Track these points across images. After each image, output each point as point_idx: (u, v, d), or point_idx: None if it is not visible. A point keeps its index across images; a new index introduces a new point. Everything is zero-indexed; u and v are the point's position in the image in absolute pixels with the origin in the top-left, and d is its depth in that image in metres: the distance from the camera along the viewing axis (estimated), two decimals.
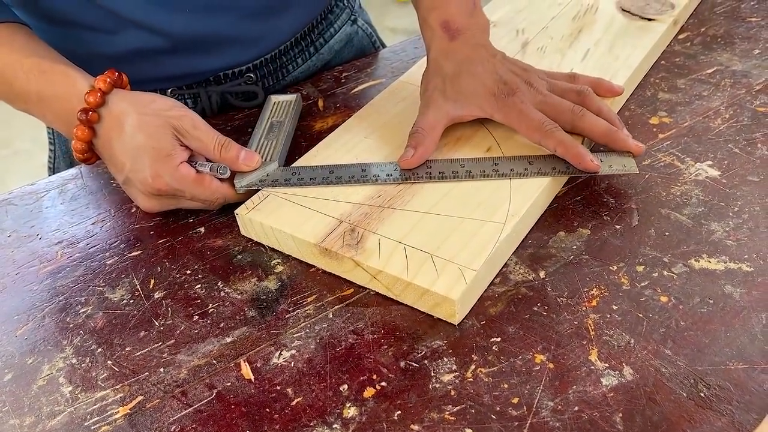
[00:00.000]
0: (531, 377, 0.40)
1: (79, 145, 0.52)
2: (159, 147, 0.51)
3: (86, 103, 0.51)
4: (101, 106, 0.51)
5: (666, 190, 0.52)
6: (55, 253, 0.54)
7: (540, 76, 0.56)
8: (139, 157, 0.51)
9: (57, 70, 0.52)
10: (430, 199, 0.50)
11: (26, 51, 0.53)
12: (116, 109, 0.51)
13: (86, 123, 0.51)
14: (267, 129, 0.60)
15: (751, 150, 0.55)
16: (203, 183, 0.52)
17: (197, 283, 0.49)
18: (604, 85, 0.57)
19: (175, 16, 0.60)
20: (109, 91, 0.52)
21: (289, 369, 0.42)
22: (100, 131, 0.52)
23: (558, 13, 0.73)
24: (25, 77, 0.52)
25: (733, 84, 0.63)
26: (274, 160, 0.55)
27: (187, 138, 0.52)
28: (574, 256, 0.48)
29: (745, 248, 0.46)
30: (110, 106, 0.52)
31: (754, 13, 0.74)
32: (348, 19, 0.78)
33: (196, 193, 0.52)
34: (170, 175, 0.51)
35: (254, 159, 0.53)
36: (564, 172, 0.52)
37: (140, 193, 0.53)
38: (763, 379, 0.38)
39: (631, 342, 0.41)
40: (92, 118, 0.51)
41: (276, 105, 0.63)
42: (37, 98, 0.53)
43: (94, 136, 0.52)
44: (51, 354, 0.46)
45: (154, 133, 0.51)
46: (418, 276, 0.44)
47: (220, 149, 0.52)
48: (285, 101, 0.64)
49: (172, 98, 0.54)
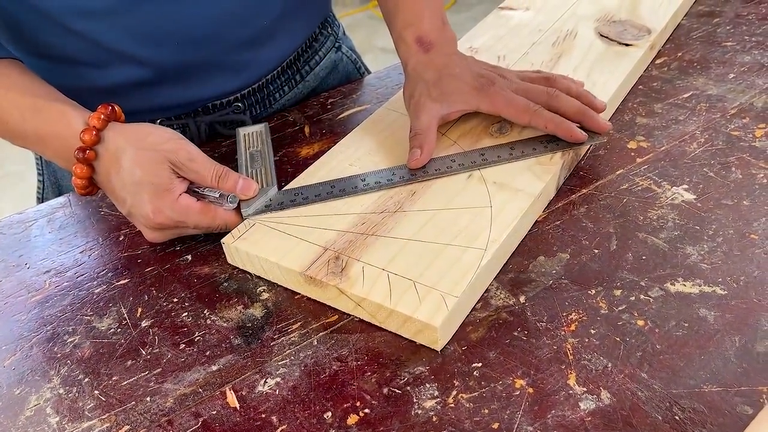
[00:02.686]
0: (511, 402, 0.41)
1: (80, 182, 0.53)
2: (157, 182, 0.51)
3: (82, 141, 0.51)
4: (97, 143, 0.52)
5: (643, 214, 0.53)
6: (43, 282, 0.55)
7: (509, 71, 0.62)
8: (139, 193, 0.51)
9: (53, 109, 0.53)
10: (412, 226, 0.52)
11: (21, 89, 0.54)
12: (112, 146, 0.52)
13: (84, 161, 0.52)
14: (249, 159, 0.60)
15: (725, 174, 0.56)
16: (208, 212, 0.53)
17: (184, 311, 0.50)
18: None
19: (163, 48, 0.61)
20: (104, 128, 0.52)
21: (274, 397, 0.43)
22: (98, 168, 0.53)
23: (538, 39, 0.75)
24: (20, 117, 0.53)
25: (709, 108, 0.65)
26: (272, 185, 0.57)
27: (183, 171, 0.53)
28: (554, 281, 0.49)
29: (719, 271, 0.48)
30: (106, 143, 0.52)
31: (729, 38, 0.76)
32: (332, 46, 0.79)
33: (199, 222, 0.53)
34: (171, 209, 0.51)
35: (252, 187, 0.55)
36: (544, 151, 0.57)
37: (142, 226, 0.54)
38: (736, 402, 0.39)
39: (609, 366, 0.42)
40: (89, 156, 0.52)
41: (247, 136, 0.63)
42: (34, 137, 0.54)
43: (93, 172, 0.53)
44: (38, 384, 0.46)
45: (151, 168, 0.51)
46: (400, 303, 0.45)
47: (217, 180, 0.53)
48: (255, 131, 0.64)
49: (169, 129, 0.55)
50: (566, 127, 0.56)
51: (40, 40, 0.59)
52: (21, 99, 0.53)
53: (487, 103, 0.58)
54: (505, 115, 0.58)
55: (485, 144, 0.59)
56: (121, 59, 0.60)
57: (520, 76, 0.61)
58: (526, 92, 0.58)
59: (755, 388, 0.40)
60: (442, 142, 0.60)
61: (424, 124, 0.57)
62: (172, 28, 0.60)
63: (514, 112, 0.57)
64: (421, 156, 0.56)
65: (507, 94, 0.58)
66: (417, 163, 0.56)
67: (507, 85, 0.59)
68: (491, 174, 0.56)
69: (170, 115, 0.68)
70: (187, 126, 0.68)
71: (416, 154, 0.56)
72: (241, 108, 0.70)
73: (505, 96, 0.58)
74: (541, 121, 0.56)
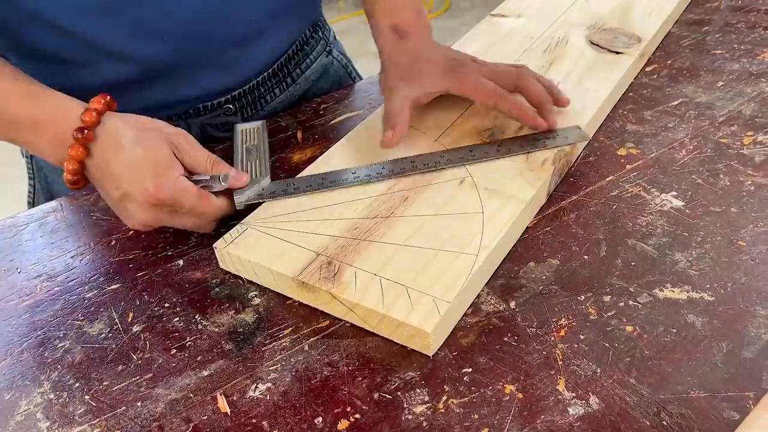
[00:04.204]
0: (501, 407, 0.41)
1: (72, 165, 0.52)
2: (158, 160, 0.52)
3: (82, 121, 0.52)
4: (97, 125, 0.53)
5: (632, 221, 0.54)
6: (34, 286, 0.54)
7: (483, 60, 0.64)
8: (139, 169, 0.52)
9: (49, 95, 0.54)
10: (405, 231, 0.52)
11: (12, 77, 0.54)
12: (112, 127, 0.53)
13: (82, 141, 0.52)
14: (245, 153, 0.62)
15: (713, 181, 0.57)
16: (203, 197, 0.54)
17: (175, 316, 0.50)
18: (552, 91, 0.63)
19: (153, 45, 0.61)
20: (104, 112, 0.53)
21: (265, 402, 0.43)
22: (95, 150, 0.53)
23: (530, 47, 0.76)
24: (13, 102, 0.53)
25: (698, 116, 0.65)
26: (265, 176, 0.58)
27: (182, 153, 0.54)
28: (544, 287, 0.49)
29: (707, 278, 0.48)
30: (105, 125, 0.53)
31: (718, 46, 0.77)
32: (323, 50, 0.80)
33: (195, 205, 0.53)
34: (172, 186, 0.52)
35: (243, 177, 0.57)
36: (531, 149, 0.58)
37: (138, 205, 0.53)
38: (723, 407, 0.40)
39: (598, 371, 0.43)
40: (88, 136, 0.52)
41: (244, 132, 0.65)
42: (28, 122, 0.53)
43: (87, 156, 0.53)
44: (29, 389, 0.46)
45: (152, 146, 0.52)
46: (393, 309, 0.45)
47: (212, 165, 0.55)
48: (252, 128, 0.66)
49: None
50: (530, 114, 0.59)
51: (28, 39, 0.58)
52: (13, 86, 0.53)
53: (456, 85, 0.60)
54: (473, 97, 0.60)
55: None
56: (110, 57, 0.60)
57: (492, 65, 0.63)
58: (496, 74, 0.61)
59: (742, 393, 0.40)
60: (432, 147, 0.61)
61: (396, 105, 0.60)
62: (162, 25, 0.60)
63: (482, 94, 0.59)
64: (393, 137, 0.58)
65: (477, 77, 0.60)
66: (389, 143, 0.58)
67: (477, 69, 0.61)
68: (483, 180, 0.56)
69: (161, 116, 0.67)
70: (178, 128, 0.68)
71: (388, 134, 0.58)
72: (232, 110, 0.70)
73: (475, 79, 0.60)
74: (507, 105, 0.59)
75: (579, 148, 0.61)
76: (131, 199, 0.53)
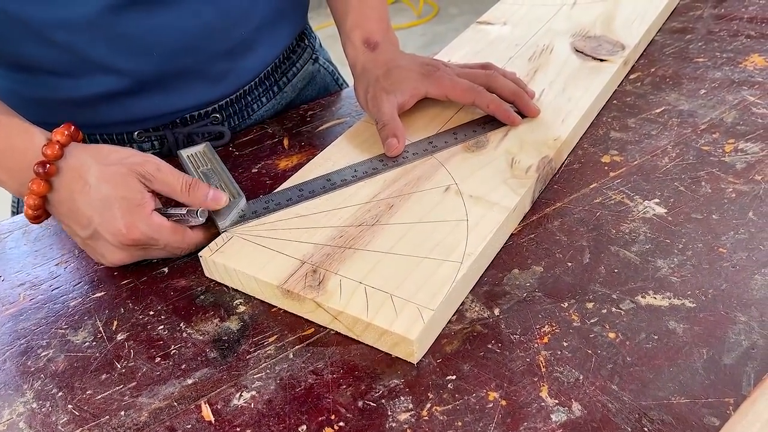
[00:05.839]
0: (484, 414, 0.41)
1: (33, 200, 0.51)
2: (129, 197, 0.50)
3: (43, 155, 0.50)
4: (59, 158, 0.50)
5: (616, 228, 0.54)
6: (18, 295, 0.54)
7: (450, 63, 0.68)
8: (108, 208, 0.50)
9: (12, 124, 0.52)
10: (390, 239, 0.52)
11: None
12: (75, 162, 0.51)
13: (43, 176, 0.50)
14: (204, 179, 0.59)
15: (695, 188, 0.57)
16: (178, 231, 0.52)
17: (160, 324, 0.50)
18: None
19: (142, 58, 0.61)
20: (67, 144, 0.51)
21: (249, 410, 0.43)
22: (57, 185, 0.51)
23: (515, 54, 0.76)
24: None
25: (680, 123, 0.66)
26: (239, 197, 0.57)
27: (153, 183, 0.52)
28: (528, 294, 0.49)
29: (689, 284, 0.49)
30: (68, 159, 0.51)
31: (701, 54, 0.78)
32: (310, 58, 0.80)
33: (170, 241, 0.52)
34: (145, 224, 0.50)
35: (222, 197, 0.54)
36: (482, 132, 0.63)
37: (110, 246, 0.51)
38: (703, 413, 0.40)
39: (580, 378, 0.43)
40: (50, 170, 0.50)
41: (191, 157, 0.63)
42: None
43: (50, 190, 0.51)
44: (11, 399, 0.46)
45: (120, 182, 0.50)
46: (377, 317, 0.46)
47: (188, 189, 0.53)
48: (197, 151, 0.63)
49: (130, 147, 0.54)
50: (504, 108, 0.62)
51: (17, 51, 0.58)
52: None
53: (434, 87, 0.63)
54: (451, 96, 0.63)
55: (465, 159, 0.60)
56: (98, 70, 0.60)
57: (460, 66, 0.67)
58: (467, 76, 0.64)
59: (722, 399, 0.41)
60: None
61: (388, 113, 0.62)
62: (152, 39, 0.60)
63: (460, 92, 0.63)
64: (399, 143, 0.60)
65: (452, 78, 0.63)
66: (397, 150, 0.60)
67: (451, 71, 0.65)
68: (467, 187, 0.56)
69: (148, 127, 0.68)
70: (164, 138, 0.68)
71: (393, 142, 0.60)
72: (219, 119, 0.70)
73: (450, 79, 0.63)
74: (484, 100, 0.62)
75: (563, 155, 0.62)
76: (102, 239, 0.51)
